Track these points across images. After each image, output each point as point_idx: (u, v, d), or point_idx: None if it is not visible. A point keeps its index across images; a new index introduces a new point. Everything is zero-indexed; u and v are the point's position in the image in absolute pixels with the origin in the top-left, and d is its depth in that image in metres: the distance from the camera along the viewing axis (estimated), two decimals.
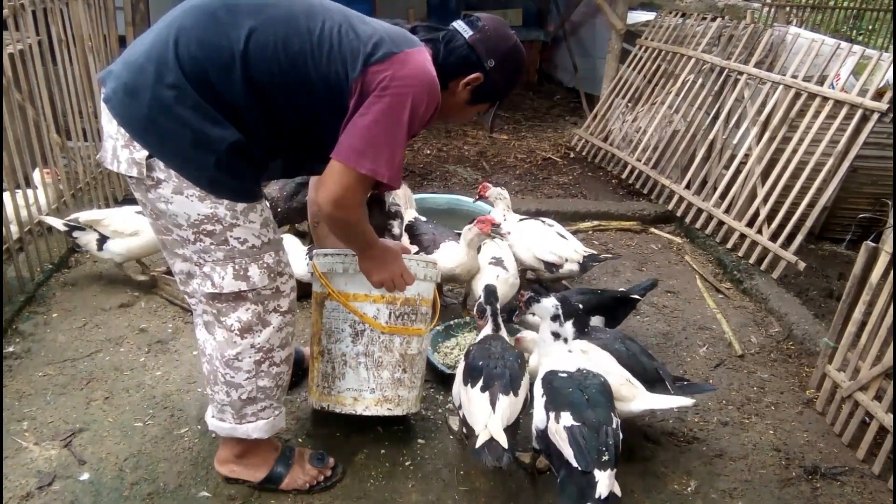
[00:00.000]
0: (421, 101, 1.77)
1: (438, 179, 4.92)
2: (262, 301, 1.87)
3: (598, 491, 1.81)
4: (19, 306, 2.92)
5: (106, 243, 3.02)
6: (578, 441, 1.90)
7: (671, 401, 2.30)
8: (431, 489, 2.20)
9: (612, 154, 5.22)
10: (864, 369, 2.52)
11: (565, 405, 2.00)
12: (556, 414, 1.98)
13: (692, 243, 4.22)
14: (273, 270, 1.87)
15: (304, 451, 2.20)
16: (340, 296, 2.17)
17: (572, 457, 1.88)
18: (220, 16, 1.69)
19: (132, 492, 2.09)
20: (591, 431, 1.93)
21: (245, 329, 1.88)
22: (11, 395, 2.45)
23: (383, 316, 2.18)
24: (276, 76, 1.70)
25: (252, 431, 2.01)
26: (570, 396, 2.02)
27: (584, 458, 1.87)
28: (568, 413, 1.97)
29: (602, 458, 1.87)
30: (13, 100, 3.06)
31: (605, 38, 5.98)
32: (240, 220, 1.79)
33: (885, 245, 2.51)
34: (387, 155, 1.76)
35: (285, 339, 1.97)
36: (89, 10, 3.75)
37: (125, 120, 1.69)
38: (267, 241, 1.86)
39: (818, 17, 9.33)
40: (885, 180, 4.10)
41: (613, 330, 2.65)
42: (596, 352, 2.39)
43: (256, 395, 1.97)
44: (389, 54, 1.74)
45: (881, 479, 2.38)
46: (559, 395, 2.03)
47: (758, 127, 3.96)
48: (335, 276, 2.19)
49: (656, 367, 2.46)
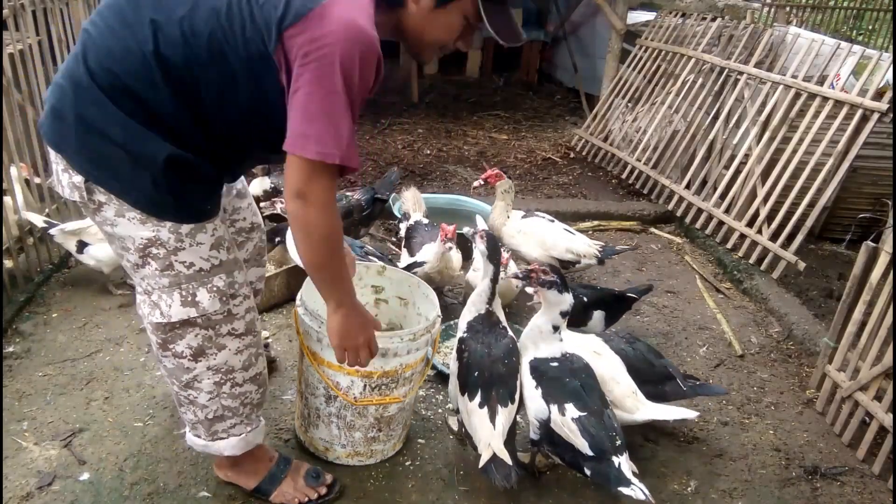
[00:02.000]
0: (352, 59, 1.47)
1: (438, 179, 4.92)
2: (212, 326, 1.74)
3: (620, 472, 1.91)
4: (19, 306, 2.91)
5: (87, 248, 3.00)
6: (590, 431, 1.95)
7: (674, 412, 2.30)
8: (431, 489, 2.19)
9: (612, 154, 5.22)
10: (864, 369, 2.52)
11: (566, 396, 2.01)
12: (560, 406, 2.01)
13: (692, 243, 4.22)
14: (224, 294, 1.73)
15: (301, 466, 2.12)
16: (313, 359, 2.05)
17: (587, 447, 1.93)
18: (127, 14, 1.51)
19: (132, 492, 2.09)
20: (597, 419, 1.97)
21: (197, 353, 1.77)
22: (11, 395, 2.45)
23: (357, 389, 2.05)
24: (196, 71, 1.52)
25: (224, 449, 1.95)
26: (568, 385, 2.03)
27: (598, 446, 1.94)
28: (571, 404, 1.99)
29: (616, 444, 1.95)
30: (13, 100, 3.06)
31: (605, 38, 5.98)
32: (185, 242, 1.65)
33: (884, 245, 2.51)
34: (332, 132, 1.49)
35: (248, 361, 1.85)
36: (89, 11, 3.75)
37: (56, 145, 1.59)
38: (218, 264, 1.72)
39: (818, 17, 9.33)
40: (885, 180, 4.10)
41: (619, 331, 2.65)
42: (608, 354, 2.38)
43: (224, 414, 1.88)
44: (303, 13, 1.47)
45: (881, 479, 2.38)
46: (557, 386, 2.04)
47: (758, 127, 3.96)
48: (310, 338, 2.05)
49: (665, 366, 2.46)
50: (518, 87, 7.74)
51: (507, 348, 2.19)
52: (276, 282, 3.05)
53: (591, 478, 1.97)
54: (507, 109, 6.84)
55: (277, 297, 3.09)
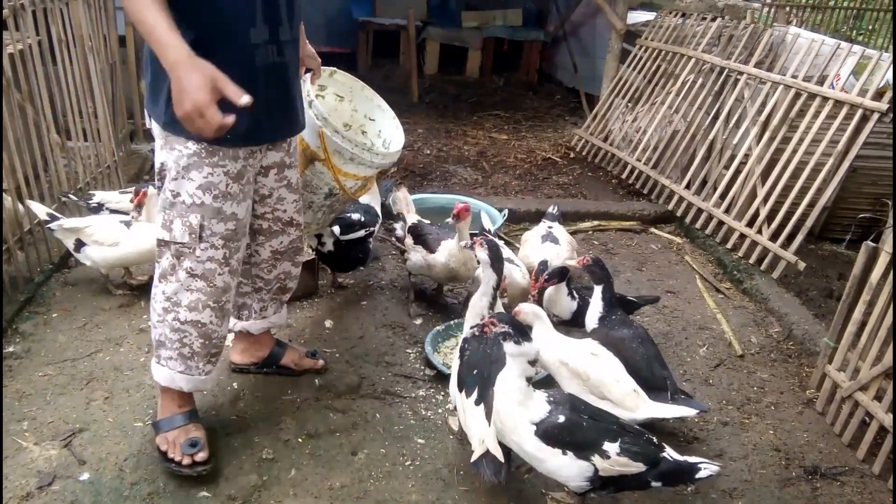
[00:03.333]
0: None
1: (438, 179, 4.92)
2: (177, 255, 2.00)
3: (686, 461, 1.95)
4: (19, 306, 2.91)
5: (83, 247, 3.01)
6: (634, 451, 1.92)
7: (673, 410, 2.31)
8: (431, 489, 2.20)
9: (612, 154, 5.22)
10: (864, 369, 2.52)
11: (597, 438, 1.91)
12: (600, 452, 1.91)
13: (692, 243, 4.22)
14: (194, 231, 1.95)
15: (190, 430, 2.20)
16: (334, 169, 2.58)
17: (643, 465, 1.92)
18: None
19: (132, 492, 2.09)
20: (630, 436, 1.95)
21: (162, 275, 2.05)
22: (11, 395, 2.45)
23: (354, 187, 2.71)
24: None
25: (156, 373, 2.17)
26: (590, 428, 1.93)
27: (649, 457, 1.93)
28: (607, 441, 1.92)
29: (655, 442, 1.97)
30: (13, 100, 3.06)
31: (605, 38, 5.98)
32: (180, 173, 1.91)
33: (885, 245, 2.51)
34: None
35: (194, 304, 2.05)
36: (89, 10, 3.75)
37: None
38: (199, 203, 1.94)
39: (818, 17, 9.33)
40: (885, 180, 4.10)
41: (636, 327, 2.64)
42: (605, 355, 2.39)
43: (164, 342, 2.11)
44: None
45: (881, 479, 2.38)
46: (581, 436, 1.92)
47: (758, 127, 3.96)
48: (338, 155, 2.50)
49: (664, 377, 2.46)
50: (518, 87, 7.74)
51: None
52: None
53: (664, 485, 1.97)
54: (507, 109, 6.84)
55: None
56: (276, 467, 2.23)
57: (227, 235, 2.02)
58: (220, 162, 1.94)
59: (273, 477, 2.19)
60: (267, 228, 2.29)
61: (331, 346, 2.87)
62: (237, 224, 2.04)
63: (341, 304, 3.23)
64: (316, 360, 2.68)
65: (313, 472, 2.23)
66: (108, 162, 3.93)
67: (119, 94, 4.23)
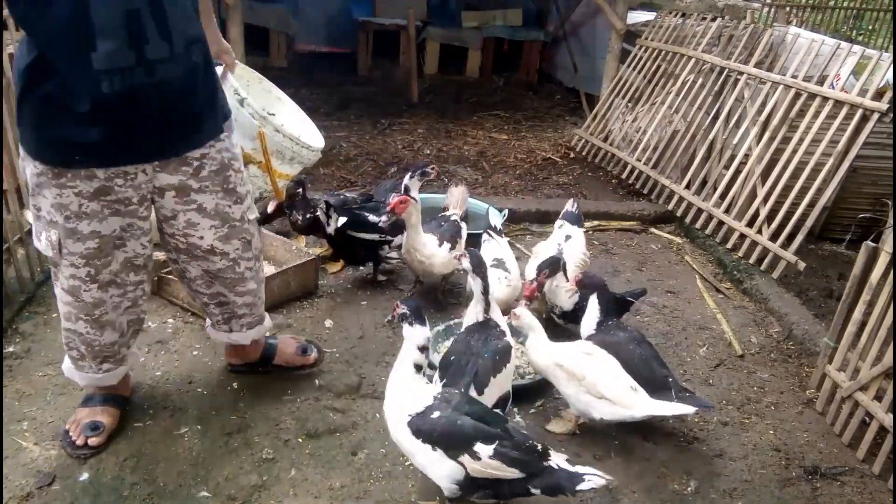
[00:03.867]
0: None
1: (438, 179, 4.91)
2: (53, 265, 2.06)
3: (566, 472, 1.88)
4: (19, 306, 2.91)
5: None
6: (511, 456, 1.87)
7: (671, 408, 2.31)
8: (431, 489, 2.19)
9: (612, 154, 5.22)
10: (864, 369, 2.52)
11: (470, 438, 1.87)
12: (470, 453, 1.86)
13: (692, 243, 4.22)
14: (55, 248, 1.97)
15: (98, 413, 2.27)
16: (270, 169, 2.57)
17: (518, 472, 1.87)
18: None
19: (132, 492, 2.09)
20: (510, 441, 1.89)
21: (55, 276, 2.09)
22: (11, 395, 2.45)
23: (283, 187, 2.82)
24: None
25: (63, 363, 2.30)
26: (465, 427, 1.89)
27: (527, 466, 1.87)
28: (479, 443, 1.87)
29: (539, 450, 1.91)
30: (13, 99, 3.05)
31: (605, 38, 5.98)
32: (36, 190, 1.91)
33: (885, 245, 2.51)
34: None
35: (67, 315, 2.12)
36: None
37: None
38: (52, 221, 1.93)
39: (818, 17, 9.33)
40: (885, 180, 4.10)
41: (631, 330, 2.64)
42: (600, 354, 2.39)
43: (65, 333, 2.17)
44: None
45: (881, 479, 2.38)
46: (454, 435, 1.88)
47: (758, 127, 3.96)
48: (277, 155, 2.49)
49: (665, 376, 2.46)
50: (518, 87, 7.74)
51: (494, 347, 2.26)
52: (276, 282, 3.05)
53: (543, 494, 1.89)
54: (507, 109, 6.84)
55: (278, 297, 3.08)
56: (276, 467, 2.23)
57: (89, 254, 1.97)
58: (69, 183, 1.86)
59: (273, 477, 2.19)
60: (186, 249, 2.18)
61: (331, 346, 2.87)
62: (101, 241, 1.96)
63: (341, 304, 3.22)
64: (307, 356, 2.64)
65: (313, 472, 2.23)
66: None
67: None
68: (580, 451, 2.40)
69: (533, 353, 2.46)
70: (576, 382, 2.34)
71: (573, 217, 3.34)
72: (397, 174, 4.93)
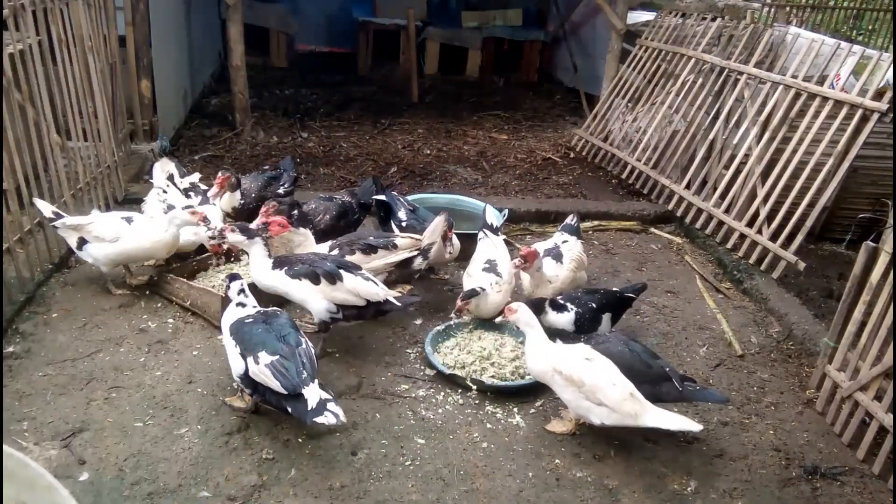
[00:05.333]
0: None
1: (438, 179, 4.92)
2: None
3: (310, 404, 2.14)
4: (19, 306, 2.91)
5: (85, 245, 3.02)
6: (281, 372, 2.19)
7: (677, 422, 2.28)
8: (431, 489, 2.20)
9: (612, 154, 5.22)
10: (864, 369, 2.52)
11: (259, 346, 2.27)
12: (254, 357, 2.24)
13: (692, 243, 4.22)
14: None
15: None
16: None
17: (280, 387, 2.17)
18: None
19: (132, 492, 2.09)
20: (289, 360, 2.22)
21: None
22: (11, 395, 2.45)
23: None
24: None
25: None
26: (260, 336, 2.30)
27: (290, 385, 2.17)
28: (264, 352, 2.24)
29: (303, 377, 2.19)
30: (13, 100, 3.06)
31: (605, 38, 5.98)
32: None
33: (885, 245, 2.51)
34: None
35: None
36: (89, 10, 3.75)
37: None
38: None
39: (818, 17, 9.33)
40: (885, 180, 4.09)
41: (615, 333, 2.65)
42: (600, 360, 2.38)
43: None
44: None
45: (881, 479, 2.38)
46: (251, 340, 2.30)
47: (758, 127, 3.96)
48: None
49: (662, 366, 2.46)
50: (518, 87, 7.74)
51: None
52: None
53: (293, 414, 2.17)
54: (507, 109, 6.84)
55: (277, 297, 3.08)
56: (276, 467, 2.23)
57: None
58: None
59: (273, 477, 2.19)
60: None
61: (331, 346, 2.87)
62: None
63: None
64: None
65: (313, 472, 2.23)
66: (108, 162, 3.92)
67: (119, 94, 4.23)
68: (580, 451, 2.40)
69: (530, 359, 2.45)
70: (574, 388, 2.33)
71: (571, 229, 3.40)
72: (397, 174, 4.94)
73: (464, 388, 2.67)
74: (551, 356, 2.40)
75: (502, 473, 2.27)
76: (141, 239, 2.99)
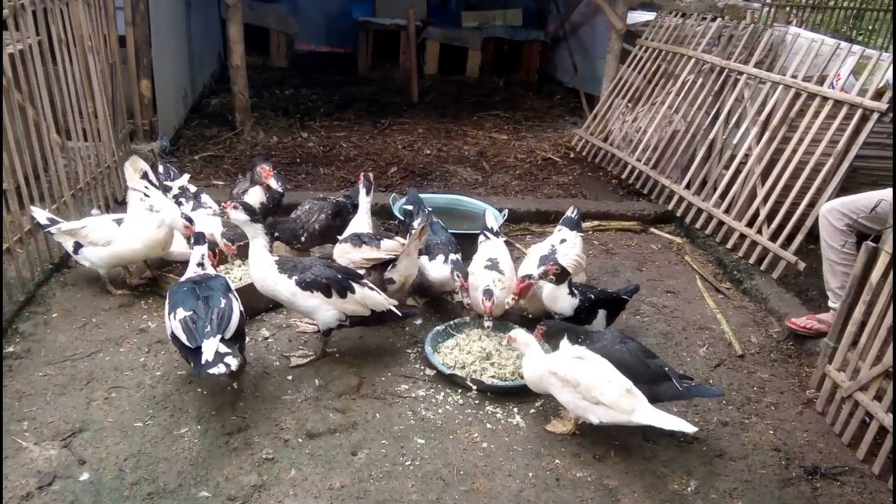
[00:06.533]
0: None
1: (438, 179, 4.92)
2: None
3: (205, 357, 2.24)
4: (19, 306, 2.91)
5: (81, 249, 3.03)
6: (189, 326, 2.33)
7: (672, 422, 2.27)
8: (431, 489, 2.20)
9: (612, 154, 5.22)
10: (864, 369, 2.52)
11: (179, 303, 2.42)
12: (173, 313, 2.40)
13: (692, 243, 4.22)
14: None
15: None
16: None
17: (187, 339, 2.31)
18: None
19: (132, 492, 2.09)
20: (200, 317, 2.34)
21: None
22: (11, 395, 2.45)
23: None
24: None
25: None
26: (185, 296, 2.44)
27: (194, 338, 2.30)
28: (181, 308, 2.39)
29: (205, 331, 2.31)
30: (13, 100, 3.06)
31: (605, 38, 5.98)
32: None
33: (885, 245, 2.51)
34: None
35: None
36: (89, 10, 3.75)
37: None
38: None
39: (818, 17, 9.33)
40: (885, 180, 4.09)
41: (612, 331, 2.66)
42: (594, 359, 2.39)
43: None
44: None
45: (881, 479, 2.38)
46: (175, 299, 2.45)
47: (758, 127, 3.96)
48: None
49: (660, 365, 2.46)
50: (518, 87, 7.74)
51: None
52: None
53: (193, 369, 2.30)
54: (507, 109, 6.84)
55: None
56: (276, 467, 2.23)
57: None
58: None
59: (273, 477, 2.19)
60: None
61: (331, 346, 2.87)
62: None
63: None
64: None
65: (313, 472, 2.23)
66: (108, 162, 3.92)
67: (119, 94, 4.22)
68: (580, 451, 2.40)
69: (527, 369, 2.49)
70: (570, 389, 2.33)
71: (571, 222, 3.35)
72: (397, 174, 4.94)
73: (464, 388, 2.67)
74: (546, 360, 2.43)
75: (502, 473, 2.27)
76: (133, 240, 3.00)
